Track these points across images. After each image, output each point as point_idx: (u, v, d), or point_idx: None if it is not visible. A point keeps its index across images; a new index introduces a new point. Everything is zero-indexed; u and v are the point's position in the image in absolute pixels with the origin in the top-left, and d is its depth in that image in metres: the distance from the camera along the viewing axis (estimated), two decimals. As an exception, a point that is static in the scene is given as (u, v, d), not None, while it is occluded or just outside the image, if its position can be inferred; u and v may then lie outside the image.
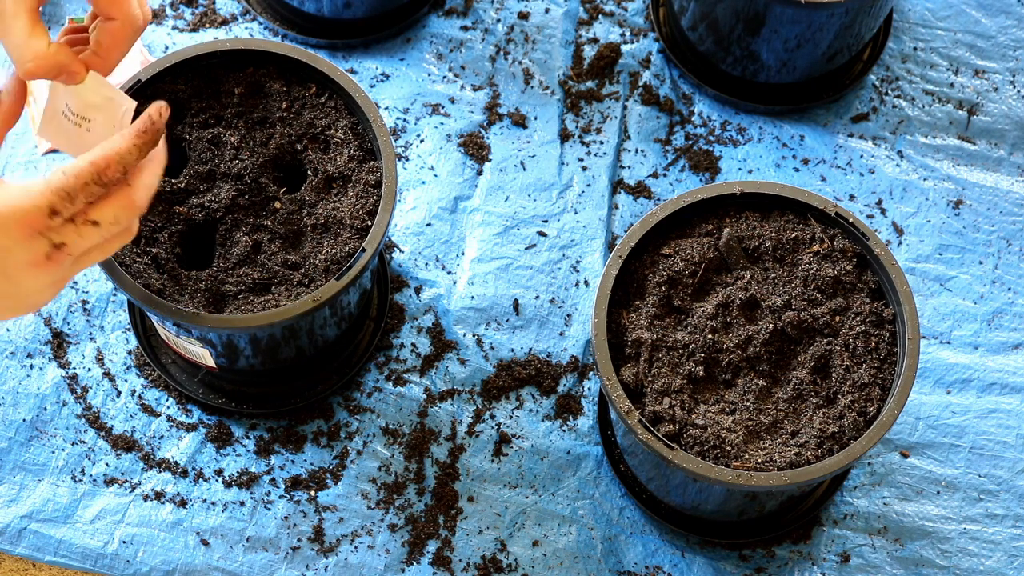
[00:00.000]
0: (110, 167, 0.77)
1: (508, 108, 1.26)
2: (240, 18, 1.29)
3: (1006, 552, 1.10)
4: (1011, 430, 1.14)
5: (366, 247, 0.99)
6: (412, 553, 1.08)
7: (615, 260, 1.01)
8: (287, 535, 1.08)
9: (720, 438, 0.96)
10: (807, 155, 1.26)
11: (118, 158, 0.78)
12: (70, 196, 0.76)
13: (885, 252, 1.01)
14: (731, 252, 1.03)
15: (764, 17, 1.17)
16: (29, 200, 0.75)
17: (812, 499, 1.10)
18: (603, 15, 1.32)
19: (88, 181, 0.76)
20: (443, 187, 1.22)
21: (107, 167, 0.77)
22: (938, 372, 1.16)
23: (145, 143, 0.79)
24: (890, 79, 1.30)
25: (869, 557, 1.09)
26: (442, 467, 1.11)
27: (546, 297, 1.18)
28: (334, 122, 1.05)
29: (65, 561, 1.06)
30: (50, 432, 1.10)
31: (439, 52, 1.29)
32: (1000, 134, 1.28)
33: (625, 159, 1.25)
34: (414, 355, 1.15)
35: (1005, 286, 1.21)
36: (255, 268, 0.99)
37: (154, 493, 1.09)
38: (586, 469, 1.12)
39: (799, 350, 1.00)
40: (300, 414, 1.12)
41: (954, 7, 1.33)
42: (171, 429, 1.11)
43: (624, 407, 0.96)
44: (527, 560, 1.08)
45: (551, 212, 1.22)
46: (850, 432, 0.96)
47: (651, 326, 1.00)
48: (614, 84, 1.28)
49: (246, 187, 1.02)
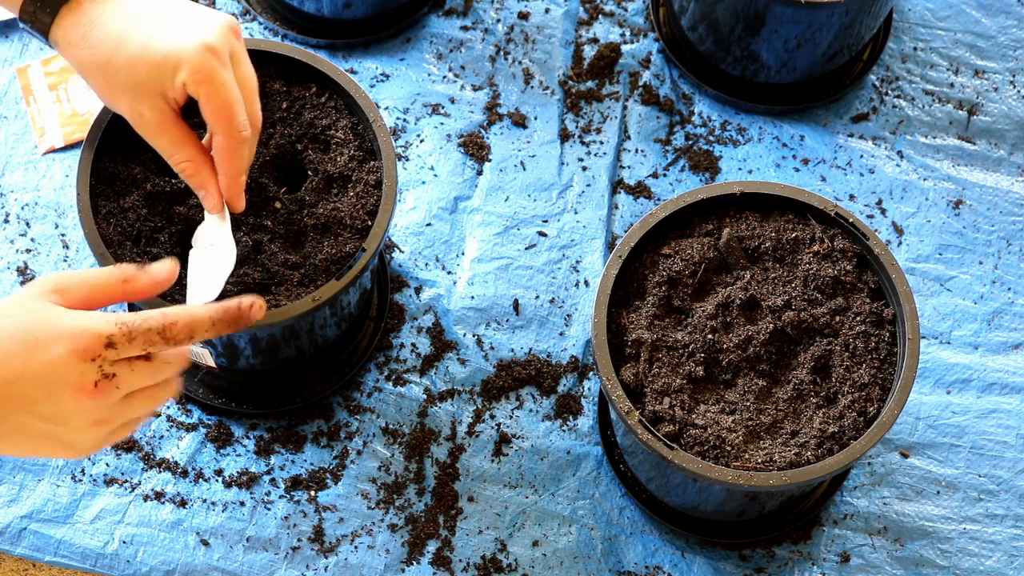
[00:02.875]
0: (178, 329, 0.78)
1: (508, 108, 1.26)
2: (240, 18, 1.29)
3: (1006, 552, 1.10)
4: (1011, 430, 1.14)
5: (366, 247, 0.99)
6: (412, 553, 1.08)
7: (615, 260, 1.01)
8: (287, 535, 1.08)
9: (720, 438, 0.96)
10: (807, 155, 1.26)
11: (191, 325, 0.78)
12: (130, 335, 0.76)
13: (885, 252, 1.01)
14: (731, 252, 1.03)
15: (764, 17, 1.17)
16: (91, 325, 0.75)
17: (812, 499, 1.10)
18: (603, 15, 1.32)
19: (152, 328, 0.77)
20: (443, 187, 1.22)
21: (175, 327, 0.78)
22: (938, 372, 1.16)
23: (223, 326, 0.80)
24: (890, 79, 1.30)
25: (869, 557, 1.09)
26: (442, 467, 1.11)
27: (546, 297, 1.18)
28: (334, 122, 1.05)
29: (65, 561, 1.06)
30: (50, 432, 1.10)
31: (439, 52, 1.29)
32: (1000, 134, 1.28)
33: (625, 159, 1.25)
34: (414, 355, 1.15)
35: (1005, 286, 1.21)
36: (255, 268, 0.99)
37: (154, 493, 1.09)
38: (586, 469, 1.12)
39: (799, 350, 1.00)
40: (300, 414, 1.12)
41: (954, 7, 1.33)
42: (171, 429, 1.11)
43: (624, 407, 0.96)
44: (527, 560, 1.08)
45: (551, 212, 1.22)
46: (850, 432, 0.96)
47: (651, 326, 1.00)
48: (614, 84, 1.28)
49: (246, 187, 1.02)
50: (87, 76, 0.91)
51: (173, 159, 0.92)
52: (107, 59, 0.89)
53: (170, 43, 0.88)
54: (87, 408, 0.77)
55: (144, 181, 1.00)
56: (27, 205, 1.19)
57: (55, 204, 1.19)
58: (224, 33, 0.90)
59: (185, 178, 0.93)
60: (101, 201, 0.99)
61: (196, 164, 0.92)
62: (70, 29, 0.90)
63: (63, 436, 0.77)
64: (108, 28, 0.89)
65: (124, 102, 0.91)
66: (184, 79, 0.88)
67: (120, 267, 0.80)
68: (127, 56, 0.88)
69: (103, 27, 0.89)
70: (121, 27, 0.89)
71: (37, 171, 1.20)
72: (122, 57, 0.88)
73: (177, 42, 0.88)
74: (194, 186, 0.94)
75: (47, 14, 0.90)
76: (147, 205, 1.00)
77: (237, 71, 0.91)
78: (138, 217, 0.99)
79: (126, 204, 0.99)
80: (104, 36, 0.89)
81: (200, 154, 0.92)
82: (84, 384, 0.76)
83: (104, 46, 0.89)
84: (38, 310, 0.76)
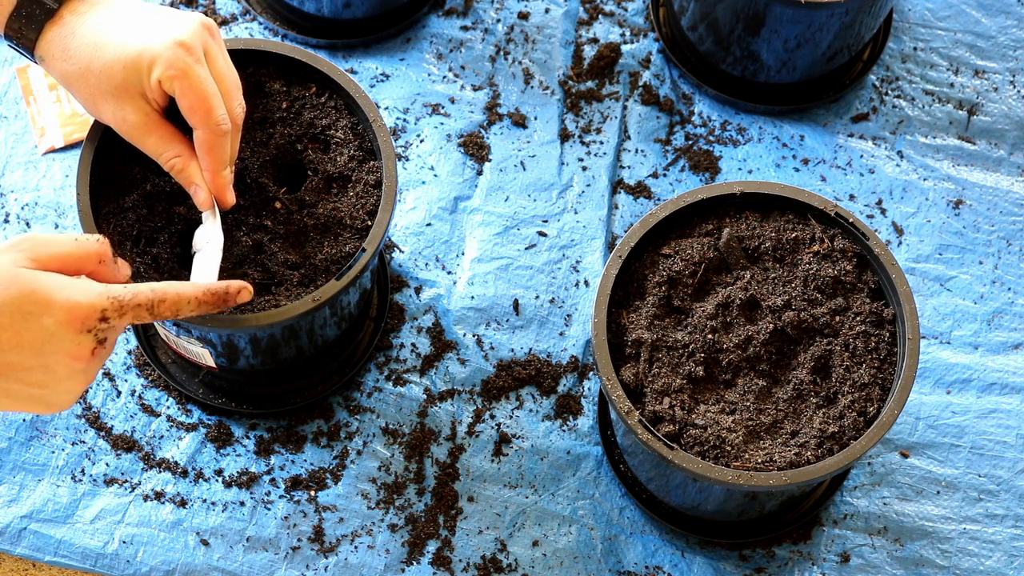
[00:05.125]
0: (165, 305, 0.83)
1: (508, 108, 1.26)
2: (240, 18, 1.29)
3: (1006, 552, 1.10)
4: (1011, 430, 1.14)
5: (366, 247, 0.99)
6: (412, 553, 1.08)
7: (615, 260, 1.01)
8: (287, 535, 1.08)
9: (720, 438, 0.96)
10: (807, 155, 1.26)
11: (176, 301, 0.84)
12: (122, 310, 0.80)
13: (885, 252, 1.01)
14: (731, 252, 1.03)
15: (764, 17, 1.17)
16: (87, 299, 0.79)
17: (812, 499, 1.10)
18: (603, 15, 1.32)
19: (141, 304, 0.81)
20: (443, 187, 1.22)
21: (163, 303, 0.83)
22: (938, 372, 1.16)
23: (207, 305, 0.86)
24: (890, 79, 1.30)
25: (869, 557, 1.09)
26: (442, 467, 1.11)
27: (546, 297, 1.18)
28: (334, 122, 1.05)
29: (65, 561, 1.06)
30: (50, 432, 1.10)
31: (439, 52, 1.29)
32: (1000, 134, 1.28)
33: (625, 159, 1.25)
34: (414, 355, 1.15)
35: (1005, 286, 1.21)
36: (255, 268, 0.99)
37: (154, 493, 1.09)
38: (586, 469, 1.12)
39: (799, 350, 1.00)
40: (300, 414, 1.12)
41: (954, 7, 1.33)
42: (171, 429, 1.11)
43: (624, 407, 0.96)
44: (527, 560, 1.08)
45: (551, 212, 1.22)
46: (850, 432, 0.96)
47: (651, 326, 1.00)
48: (614, 84, 1.28)
49: (246, 187, 1.02)
50: (71, 88, 0.93)
51: (162, 158, 0.94)
52: (86, 67, 0.90)
53: (143, 43, 0.90)
54: (78, 372, 0.81)
55: (144, 181, 1.00)
56: (27, 205, 1.19)
57: (55, 204, 1.19)
58: (196, 30, 0.91)
59: (174, 175, 0.95)
60: (101, 201, 0.99)
61: (184, 160, 0.94)
62: (53, 43, 0.91)
63: (46, 397, 0.81)
64: (86, 37, 0.91)
65: (107, 108, 0.92)
66: (159, 76, 0.89)
67: (97, 247, 0.83)
68: (104, 61, 0.90)
69: (82, 37, 0.91)
70: (97, 34, 0.90)
71: (37, 171, 1.20)
72: (100, 63, 0.90)
73: (149, 41, 0.90)
74: (183, 183, 0.95)
75: (32, 30, 0.91)
76: (147, 205, 1.00)
77: (213, 67, 0.92)
78: (138, 217, 0.99)
79: (126, 204, 0.99)
80: (83, 45, 0.91)
81: (188, 151, 0.94)
82: (80, 353, 0.79)
83: (83, 55, 0.90)
84: (26, 280, 0.77)
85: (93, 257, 0.83)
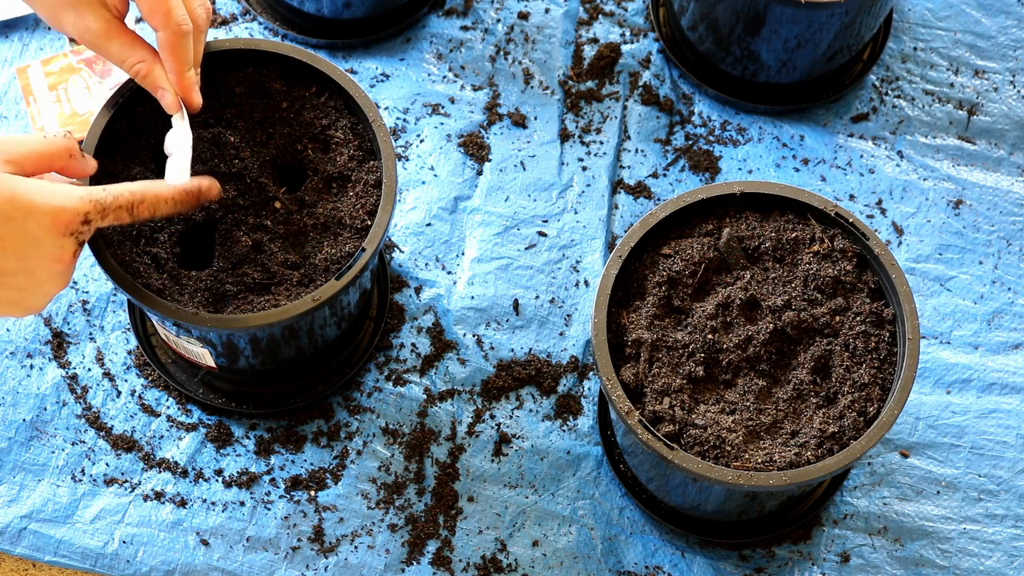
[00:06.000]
0: (144, 206, 0.86)
1: (508, 108, 1.26)
2: (240, 18, 1.29)
3: (1006, 552, 1.10)
4: (1011, 430, 1.14)
5: (366, 247, 0.99)
6: (412, 553, 1.08)
7: (615, 260, 1.01)
8: (287, 535, 1.08)
9: (720, 438, 0.96)
10: (807, 155, 1.26)
11: (154, 201, 0.87)
12: (103, 212, 0.84)
13: (885, 252, 1.01)
14: (731, 252, 1.03)
15: (764, 17, 1.17)
16: (70, 204, 0.81)
17: (812, 499, 1.10)
18: (603, 15, 1.32)
19: (122, 206, 0.85)
20: (443, 187, 1.22)
21: (142, 204, 0.86)
22: (938, 372, 1.16)
23: (182, 203, 0.90)
24: (890, 79, 1.30)
25: (869, 557, 1.09)
26: (442, 467, 1.11)
27: (546, 297, 1.18)
28: (334, 122, 1.05)
29: (65, 561, 1.07)
30: (50, 432, 1.10)
31: (439, 52, 1.29)
32: (1000, 134, 1.28)
33: (625, 159, 1.25)
34: (414, 355, 1.15)
35: (1005, 286, 1.21)
36: (255, 268, 0.99)
37: (154, 493, 1.09)
38: (586, 469, 1.12)
39: (799, 350, 1.00)
40: (300, 414, 1.12)
41: (954, 7, 1.33)
42: (171, 429, 1.11)
43: (624, 407, 0.96)
44: (527, 560, 1.08)
45: (551, 212, 1.22)
46: (850, 432, 0.96)
47: (651, 326, 1.00)
48: (614, 84, 1.28)
49: (246, 187, 1.02)
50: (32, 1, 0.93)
51: (126, 64, 0.94)
52: None
53: None
54: (58, 274, 0.83)
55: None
56: (27, 205, 1.19)
57: (55, 204, 1.19)
58: None
59: (139, 80, 0.95)
60: (101, 201, 0.99)
61: (148, 65, 0.94)
62: None
63: (23, 300, 0.83)
64: None
65: (68, 18, 0.93)
66: None
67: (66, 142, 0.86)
68: None
69: None
70: None
71: (37, 171, 1.20)
72: None
73: None
74: (149, 87, 0.96)
75: None
76: (147, 205, 1.00)
77: None
78: (138, 217, 0.99)
79: (126, 204, 0.99)
80: None
81: (152, 55, 0.94)
82: (63, 256, 0.82)
83: None
84: (7, 186, 0.79)
85: (63, 152, 0.85)
